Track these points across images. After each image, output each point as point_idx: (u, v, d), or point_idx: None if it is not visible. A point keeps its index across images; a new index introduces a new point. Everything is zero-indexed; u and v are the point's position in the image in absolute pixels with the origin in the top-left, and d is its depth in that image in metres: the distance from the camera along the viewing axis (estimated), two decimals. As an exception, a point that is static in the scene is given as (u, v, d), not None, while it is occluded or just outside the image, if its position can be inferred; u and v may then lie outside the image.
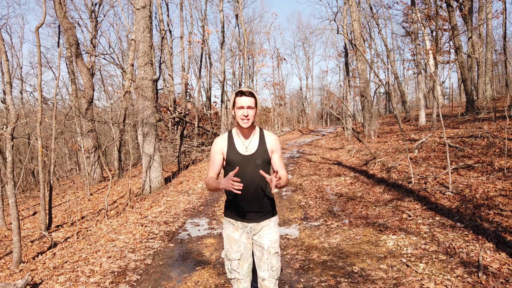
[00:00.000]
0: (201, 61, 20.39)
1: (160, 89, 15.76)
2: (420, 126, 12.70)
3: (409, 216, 4.43)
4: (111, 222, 6.33)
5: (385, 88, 10.44)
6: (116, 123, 12.75)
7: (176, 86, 18.75)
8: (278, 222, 2.15)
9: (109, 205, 8.26)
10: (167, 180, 9.78)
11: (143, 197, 8.40)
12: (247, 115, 1.94)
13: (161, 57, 17.57)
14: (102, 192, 10.69)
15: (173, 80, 17.99)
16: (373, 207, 5.16)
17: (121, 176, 13.14)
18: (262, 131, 2.10)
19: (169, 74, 17.66)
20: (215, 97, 36.30)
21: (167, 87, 17.31)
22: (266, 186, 2.05)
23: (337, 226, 4.63)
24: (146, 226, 5.42)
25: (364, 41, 17.56)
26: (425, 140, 8.06)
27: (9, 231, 7.09)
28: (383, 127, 15.25)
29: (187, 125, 15.49)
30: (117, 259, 4.07)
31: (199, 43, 19.09)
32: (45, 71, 22.15)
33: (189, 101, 18.52)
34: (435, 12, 12.45)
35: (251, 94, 1.95)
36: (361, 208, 5.26)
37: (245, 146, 2.03)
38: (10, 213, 5.96)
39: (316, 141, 17.14)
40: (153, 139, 8.60)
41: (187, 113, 15.34)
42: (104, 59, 15.95)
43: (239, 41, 24.19)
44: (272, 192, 1.82)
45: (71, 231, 6.30)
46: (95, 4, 15.06)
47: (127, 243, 4.66)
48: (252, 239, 2.09)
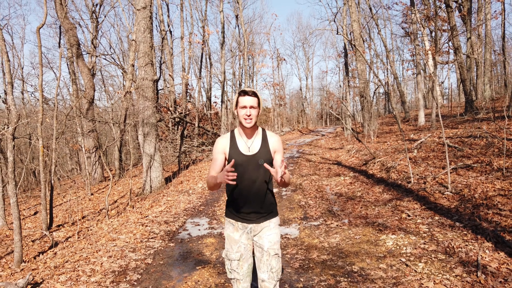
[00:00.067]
0: (202, 61, 20.42)
1: (160, 90, 15.77)
2: (419, 126, 12.71)
3: (409, 215, 4.44)
4: (111, 221, 6.33)
5: (385, 88, 10.47)
6: (116, 123, 12.76)
7: (176, 86, 18.79)
8: (279, 223, 2.12)
9: (109, 205, 8.27)
10: (168, 180, 9.80)
11: (144, 196, 8.42)
12: (250, 115, 1.92)
13: (161, 58, 17.60)
14: (103, 191, 10.71)
15: (173, 80, 18.03)
16: (373, 207, 5.17)
17: (121, 176, 13.16)
18: (264, 131, 2.08)
19: (169, 74, 17.69)
20: (216, 97, 36.43)
21: (168, 88, 17.33)
22: (268, 186, 2.02)
23: (337, 225, 4.63)
24: (146, 225, 5.42)
25: (363, 42, 17.59)
26: (424, 140, 8.07)
27: (10, 231, 7.10)
28: (382, 127, 15.26)
29: (188, 125, 15.51)
30: (118, 259, 4.07)
31: (199, 43, 19.12)
32: (46, 72, 22.18)
33: (189, 101, 18.54)
34: (434, 12, 12.46)
35: (254, 93, 1.94)
36: (361, 207, 5.27)
37: (248, 146, 2.00)
38: (11, 212, 6.00)
39: (315, 141, 17.14)
40: (153, 139, 8.62)
41: (188, 113, 15.36)
42: (105, 59, 15.98)
43: (239, 41, 24.22)
44: (277, 179, 1.77)
45: (72, 231, 6.31)
46: (96, 4, 15.09)
47: (127, 242, 4.67)
48: (252, 239, 2.07)
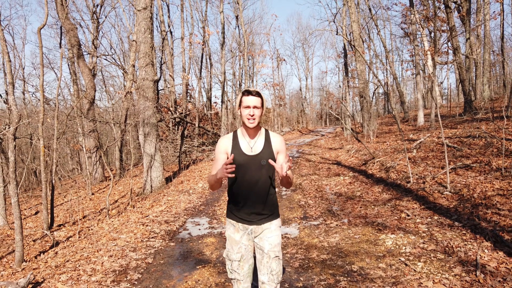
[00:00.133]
0: (202, 62, 20.45)
1: (161, 90, 15.81)
2: (418, 126, 12.72)
3: (408, 215, 4.45)
4: (112, 221, 6.35)
5: (384, 88, 10.50)
6: (117, 123, 12.79)
7: (177, 86, 18.82)
8: (280, 225, 2.10)
9: (110, 205, 8.29)
10: (168, 179, 9.82)
11: (144, 196, 8.44)
12: (253, 115, 1.91)
13: (162, 58, 17.64)
14: (103, 191, 10.72)
15: (174, 80, 18.06)
16: (372, 207, 5.18)
17: (122, 175, 13.19)
18: (267, 132, 2.07)
19: (170, 74, 17.73)
20: (216, 98, 36.53)
21: (168, 88, 17.35)
22: (270, 187, 2.01)
23: (336, 225, 4.65)
24: (147, 225, 5.44)
25: (363, 42, 17.62)
26: (423, 140, 8.09)
27: (12, 230, 7.12)
28: (382, 127, 15.26)
29: (188, 125, 15.53)
30: (119, 258, 4.08)
31: (199, 44, 19.14)
32: (47, 72, 22.21)
33: (189, 102, 18.57)
34: (433, 13, 12.48)
35: (258, 94, 1.93)
36: (360, 207, 5.28)
37: (250, 146, 1.99)
38: (12, 212, 6.02)
39: (315, 141, 17.15)
40: (154, 139, 8.64)
41: (188, 113, 15.38)
42: (105, 60, 16.01)
43: (239, 42, 24.24)
44: (283, 174, 1.77)
45: (73, 230, 6.33)
46: (97, 5, 15.11)
47: (128, 242, 4.68)
48: (253, 240, 2.06)
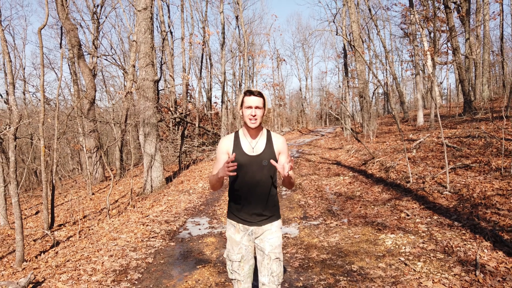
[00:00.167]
0: (202, 62, 20.48)
1: (161, 90, 15.83)
2: (418, 126, 12.73)
3: (407, 215, 4.46)
4: (112, 221, 6.36)
5: (384, 88, 10.52)
6: (117, 123, 12.80)
7: (177, 86, 18.85)
8: (281, 226, 2.08)
9: (110, 205, 8.30)
10: (168, 179, 9.83)
11: (145, 196, 8.45)
12: (255, 115, 1.90)
13: (162, 58, 17.66)
14: (104, 191, 10.74)
15: (174, 80, 18.09)
16: (372, 206, 5.19)
17: (122, 175, 13.21)
18: (269, 132, 2.06)
19: (170, 75, 17.76)
20: (216, 98, 36.57)
21: (168, 88, 17.38)
22: (271, 188, 2.00)
23: (336, 225, 4.66)
24: (147, 225, 5.44)
25: (363, 42, 17.64)
26: (423, 140, 8.10)
27: (12, 230, 7.13)
28: (381, 127, 15.28)
29: (188, 125, 15.55)
30: (119, 258, 4.08)
31: (199, 44, 19.16)
32: (47, 72, 22.27)
33: (190, 102, 18.58)
34: (433, 13, 12.50)
35: (260, 94, 1.92)
36: (360, 207, 5.29)
37: (252, 146, 1.99)
38: (13, 212, 6.03)
39: (315, 141, 17.16)
40: (154, 139, 8.65)
41: (188, 113, 15.40)
42: (106, 60, 16.02)
43: (239, 42, 24.26)
44: (284, 174, 1.75)
45: (73, 230, 6.34)
46: (97, 5, 15.13)
47: (128, 242, 4.68)
48: (254, 241, 2.05)
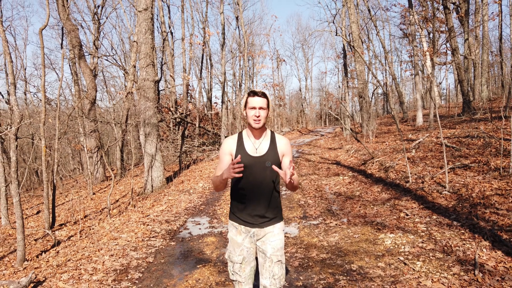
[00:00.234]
0: (202, 62, 20.50)
1: (161, 90, 15.83)
2: (417, 126, 12.75)
3: (407, 215, 4.47)
4: (113, 220, 6.37)
5: (383, 89, 10.54)
6: (118, 123, 12.82)
7: (177, 87, 18.87)
8: (283, 228, 2.06)
9: (111, 204, 8.32)
10: (169, 179, 9.85)
11: (145, 196, 8.47)
12: (259, 116, 1.89)
13: (162, 59, 17.69)
14: (104, 191, 10.76)
15: (174, 81, 18.13)
16: (371, 206, 5.21)
17: (123, 175, 13.24)
18: (273, 133, 2.05)
19: (170, 75, 17.79)
20: (216, 98, 36.65)
21: (169, 88, 17.41)
22: (273, 189, 1.97)
23: (336, 224, 4.67)
24: (148, 224, 5.45)
25: (362, 43, 17.64)
26: (422, 140, 8.12)
27: (13, 230, 7.16)
28: (381, 128, 15.29)
29: (188, 125, 15.57)
30: (120, 257, 4.09)
31: (200, 44, 19.15)
32: (48, 73, 22.33)
33: (190, 102, 18.60)
34: (432, 14, 12.51)
35: (264, 94, 1.90)
36: (360, 207, 5.31)
37: (255, 147, 1.97)
38: (14, 212, 6.05)
39: (315, 141, 17.18)
40: (154, 139, 8.67)
41: (188, 113, 15.42)
42: (106, 60, 16.05)
43: (239, 42, 24.27)
44: (286, 181, 1.74)
45: (74, 230, 6.37)
46: (98, 6, 15.16)
47: (129, 241, 4.69)
48: (255, 243, 2.03)
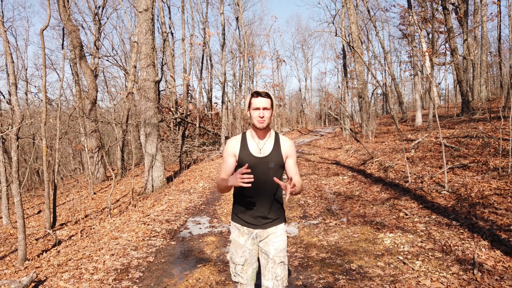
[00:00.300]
0: (202, 62, 20.50)
1: (162, 90, 15.85)
2: (416, 126, 12.77)
3: (406, 214, 4.49)
4: (114, 220, 6.39)
5: (382, 89, 10.56)
6: (119, 123, 12.84)
7: (177, 87, 18.90)
8: (286, 229, 2.08)
9: (112, 204, 8.33)
10: (169, 179, 9.86)
11: (146, 196, 8.49)
12: (263, 116, 1.88)
13: (163, 59, 17.70)
14: (105, 191, 10.78)
15: (174, 81, 18.16)
16: (371, 206, 5.23)
17: (124, 175, 13.25)
18: (277, 135, 2.04)
19: (171, 75, 17.82)
20: (216, 98, 36.64)
21: (169, 88, 17.43)
22: (276, 190, 1.97)
23: (336, 224, 4.69)
24: (148, 224, 5.46)
25: (361, 43, 17.66)
26: (421, 140, 8.14)
27: (15, 229, 7.18)
28: (380, 128, 15.31)
29: (189, 125, 15.60)
30: (120, 257, 4.09)
31: (200, 45, 19.19)
32: (49, 73, 22.39)
33: (190, 102, 18.63)
34: (431, 14, 12.56)
35: (267, 95, 1.89)
36: (359, 206, 5.33)
37: (259, 148, 1.96)
38: (15, 211, 6.08)
39: (314, 141, 17.22)
40: (155, 139, 8.69)
41: (189, 113, 15.44)
42: (107, 61, 16.05)
43: (239, 43, 24.30)
44: (286, 199, 1.77)
45: (75, 229, 6.38)
46: (99, 7, 15.19)
47: (129, 241, 4.70)
48: (258, 245, 2.02)
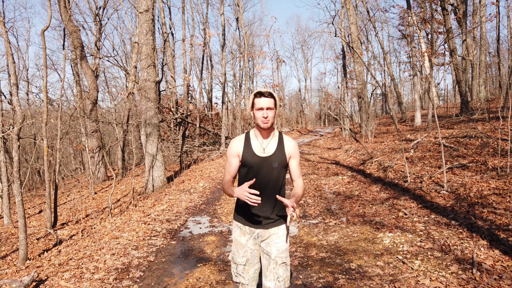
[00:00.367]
0: (203, 63, 20.53)
1: (162, 91, 15.89)
2: (415, 126, 12.78)
3: (405, 214, 4.50)
4: (115, 220, 6.40)
5: (382, 89, 10.57)
6: (119, 123, 12.86)
7: (178, 87, 18.90)
8: (288, 230, 2.06)
9: (113, 204, 8.35)
10: (170, 179, 9.88)
11: (146, 195, 8.51)
12: (267, 117, 1.87)
13: (163, 59, 17.73)
14: (106, 191, 10.81)
15: (175, 81, 18.19)
16: (370, 206, 5.25)
17: (124, 175, 13.28)
18: (281, 134, 2.02)
19: (171, 76, 17.85)
20: (216, 98, 36.77)
21: (170, 89, 17.46)
22: (280, 190, 1.97)
23: (335, 224, 4.70)
24: (149, 224, 5.47)
25: (361, 44, 17.69)
26: (420, 140, 8.15)
27: (16, 229, 7.20)
28: (379, 128, 15.33)
29: (189, 125, 15.62)
30: (121, 256, 4.10)
31: (200, 45, 19.21)
32: (50, 73, 22.42)
33: (190, 102, 18.65)
34: (430, 15, 12.58)
35: (271, 94, 1.87)
36: (358, 206, 5.35)
37: (263, 147, 1.95)
38: (16, 211, 6.10)
39: (314, 141, 17.24)
40: (155, 139, 8.71)
41: (189, 114, 15.46)
42: (108, 61, 16.12)
43: (239, 43, 24.32)
44: (287, 224, 1.78)
45: (76, 229, 6.40)
46: (99, 7, 15.23)
47: (130, 240, 4.71)
48: (259, 245, 2.00)
